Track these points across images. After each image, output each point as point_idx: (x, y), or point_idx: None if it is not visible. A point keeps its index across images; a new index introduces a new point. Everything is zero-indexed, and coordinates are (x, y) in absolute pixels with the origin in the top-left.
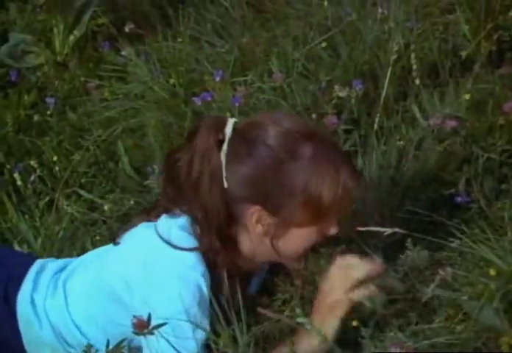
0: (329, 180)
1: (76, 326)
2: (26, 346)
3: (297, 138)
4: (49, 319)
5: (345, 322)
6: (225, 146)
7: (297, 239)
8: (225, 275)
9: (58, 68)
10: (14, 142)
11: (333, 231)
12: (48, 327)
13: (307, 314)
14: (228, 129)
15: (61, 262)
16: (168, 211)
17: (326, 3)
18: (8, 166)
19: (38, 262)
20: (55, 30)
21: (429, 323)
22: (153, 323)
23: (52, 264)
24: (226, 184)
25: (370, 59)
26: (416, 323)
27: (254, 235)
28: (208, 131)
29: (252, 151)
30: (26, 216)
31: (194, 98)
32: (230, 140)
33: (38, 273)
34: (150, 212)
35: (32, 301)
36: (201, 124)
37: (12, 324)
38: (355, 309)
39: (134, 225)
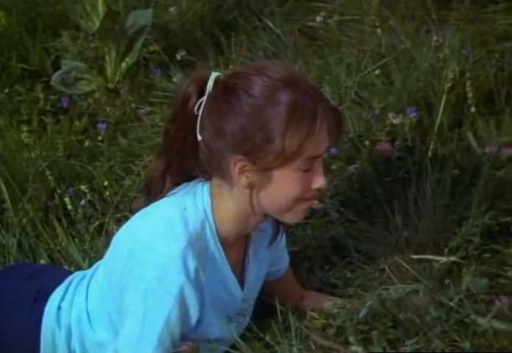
0: (305, 121)
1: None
2: None
3: (278, 86)
4: (69, 321)
5: None
6: (204, 98)
7: (281, 189)
8: None
9: (109, 95)
10: (65, 167)
11: (319, 182)
12: (64, 332)
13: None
14: (210, 82)
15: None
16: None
17: (379, 31)
18: (59, 191)
19: (75, 274)
20: (107, 57)
21: None
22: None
23: (81, 273)
24: (199, 137)
25: (424, 86)
26: None
27: (241, 190)
28: (188, 83)
29: (232, 100)
30: (76, 240)
31: None
32: (211, 92)
33: (69, 283)
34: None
35: (59, 309)
36: (184, 79)
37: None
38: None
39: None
